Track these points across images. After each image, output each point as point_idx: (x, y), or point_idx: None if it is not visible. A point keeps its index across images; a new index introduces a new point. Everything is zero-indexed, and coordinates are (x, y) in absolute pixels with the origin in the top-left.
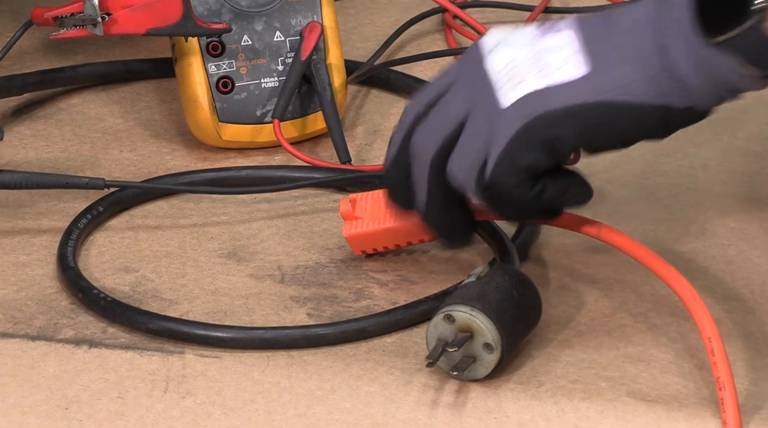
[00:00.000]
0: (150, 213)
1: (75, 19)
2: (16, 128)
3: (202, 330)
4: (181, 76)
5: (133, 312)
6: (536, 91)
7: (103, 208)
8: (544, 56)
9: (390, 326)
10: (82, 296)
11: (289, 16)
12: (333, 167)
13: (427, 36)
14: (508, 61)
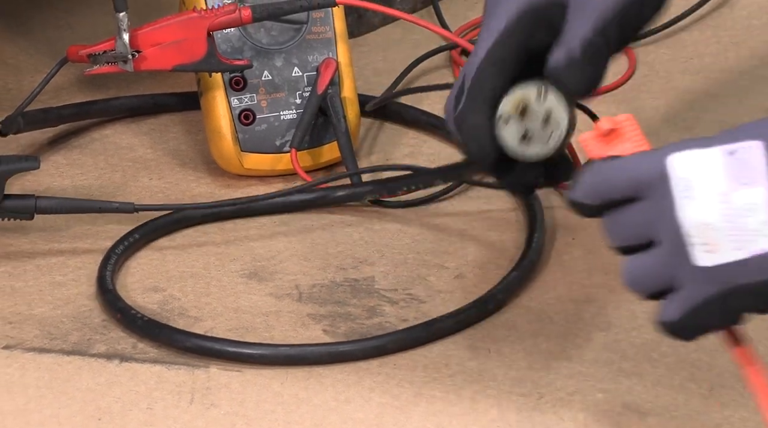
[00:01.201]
0: (176, 236)
1: (107, 56)
2: (52, 157)
3: (233, 347)
4: (206, 108)
5: (170, 331)
6: (733, 261)
7: (139, 236)
8: (738, 220)
9: (408, 343)
10: (120, 316)
11: (306, 53)
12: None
13: (435, 71)
14: (698, 223)
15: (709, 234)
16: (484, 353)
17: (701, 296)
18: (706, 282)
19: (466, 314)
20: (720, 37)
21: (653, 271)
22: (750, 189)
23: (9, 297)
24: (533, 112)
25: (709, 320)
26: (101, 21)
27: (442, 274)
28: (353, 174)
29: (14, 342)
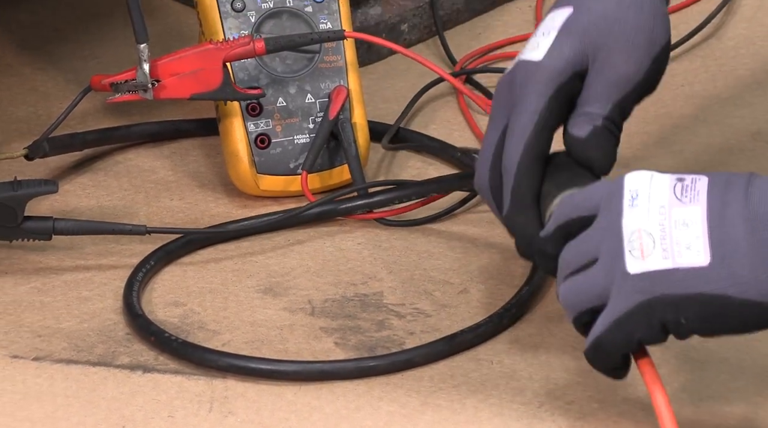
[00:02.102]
0: (195, 253)
1: (128, 85)
2: (79, 179)
3: (266, 365)
4: (223, 133)
5: (203, 351)
6: (661, 270)
7: (154, 262)
8: (672, 231)
9: (433, 356)
10: (154, 339)
11: (318, 81)
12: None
13: (441, 98)
14: (637, 228)
15: (643, 240)
16: (487, 365)
17: (626, 305)
18: (632, 290)
19: (484, 328)
20: (709, 65)
21: (590, 284)
22: (688, 207)
23: (38, 311)
24: None
25: (633, 331)
26: (124, 52)
27: (447, 290)
28: (360, 188)
29: (43, 354)
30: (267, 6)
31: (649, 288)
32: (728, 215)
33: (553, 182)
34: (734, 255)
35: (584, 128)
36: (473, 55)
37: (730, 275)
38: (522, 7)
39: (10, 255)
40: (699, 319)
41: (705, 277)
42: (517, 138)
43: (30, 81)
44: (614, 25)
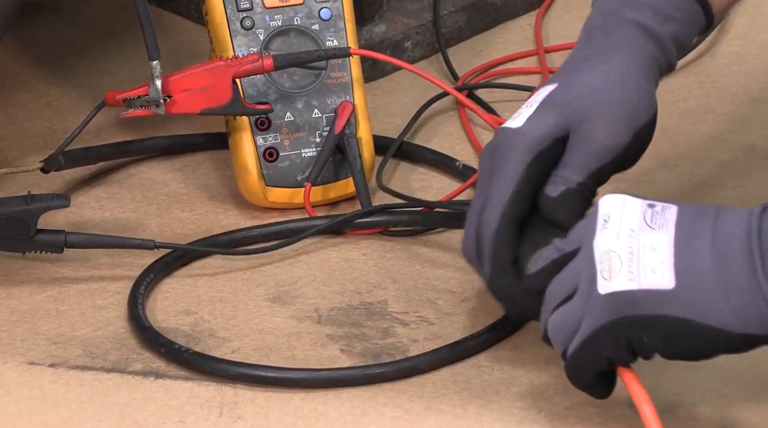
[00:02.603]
0: (206, 263)
1: (141, 101)
2: (93, 192)
3: (274, 373)
4: (233, 147)
5: (214, 361)
6: (627, 291)
7: (153, 275)
8: (639, 255)
9: (437, 363)
10: (164, 350)
11: (325, 96)
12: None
13: (443, 113)
14: (607, 250)
15: (612, 262)
16: (488, 371)
17: (594, 326)
18: (600, 311)
19: (486, 336)
20: (703, 82)
21: (571, 314)
22: (657, 232)
23: (54, 319)
24: None
25: (599, 350)
26: (137, 68)
27: (450, 298)
28: (368, 207)
29: (59, 360)
30: (275, 24)
31: (614, 309)
32: (695, 245)
33: (529, 243)
34: (698, 283)
35: (557, 189)
36: (475, 71)
37: (694, 301)
38: (522, 25)
39: (27, 265)
40: (661, 340)
41: (668, 301)
42: (494, 206)
43: (45, 96)
44: (597, 99)
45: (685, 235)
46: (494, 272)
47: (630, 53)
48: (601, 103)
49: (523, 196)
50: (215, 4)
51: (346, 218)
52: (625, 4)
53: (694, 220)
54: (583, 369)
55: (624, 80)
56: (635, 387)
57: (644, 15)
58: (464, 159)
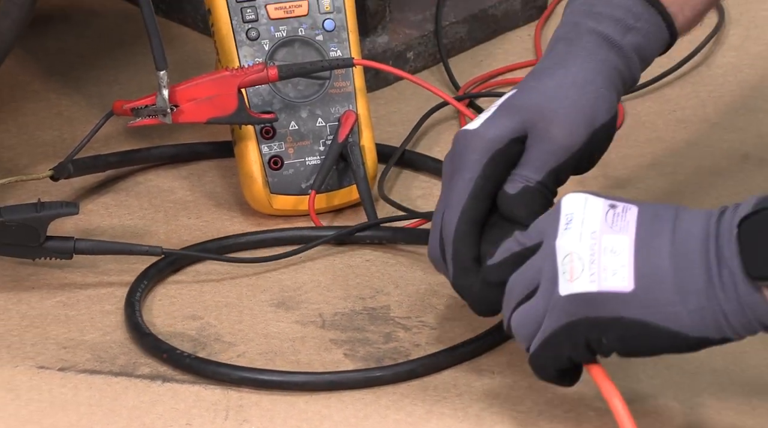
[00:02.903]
0: (213, 270)
1: (148, 110)
2: (102, 199)
3: (277, 377)
4: (239, 155)
5: (215, 365)
6: (587, 293)
7: (147, 282)
8: (600, 257)
9: (435, 367)
10: (167, 356)
11: (329, 106)
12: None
13: (444, 122)
14: (569, 253)
15: (573, 264)
16: (489, 375)
17: (553, 326)
18: (561, 311)
19: (483, 341)
20: (699, 92)
21: (534, 311)
22: (618, 235)
23: (63, 324)
24: None
25: (559, 349)
26: (145, 78)
27: (451, 303)
28: (377, 221)
29: (68, 364)
30: (280, 35)
31: (574, 311)
32: (655, 246)
33: (490, 241)
34: (657, 285)
35: (516, 186)
36: (476, 81)
37: (652, 303)
38: (522, 36)
39: (37, 271)
40: (618, 341)
41: (627, 303)
42: (453, 206)
43: (56, 106)
44: (553, 101)
45: (645, 236)
46: (456, 271)
47: (590, 60)
48: (558, 103)
49: (482, 195)
50: (221, 16)
51: (340, 233)
52: (587, 16)
53: (654, 220)
54: (545, 366)
55: (582, 84)
56: (604, 383)
57: (605, 25)
58: None
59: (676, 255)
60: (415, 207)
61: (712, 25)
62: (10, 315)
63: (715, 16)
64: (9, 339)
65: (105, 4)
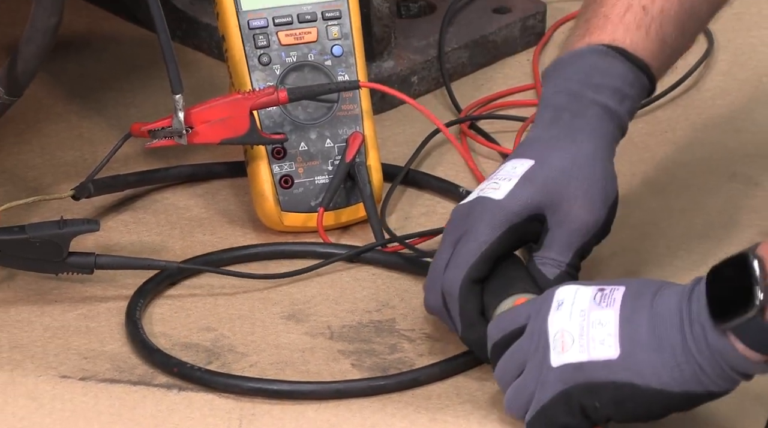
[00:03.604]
0: (226, 284)
1: (165, 132)
2: (120, 217)
3: (287, 386)
4: (251, 175)
5: (225, 377)
6: (578, 362)
7: (144, 300)
8: (589, 330)
9: (436, 376)
10: (177, 371)
11: (337, 127)
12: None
13: (447, 143)
14: (560, 329)
15: (564, 338)
16: (490, 385)
17: (549, 394)
18: (554, 381)
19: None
20: (689, 114)
21: (525, 386)
22: (605, 310)
23: (84, 335)
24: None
25: (554, 418)
26: (161, 101)
27: None
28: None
29: (89, 374)
30: (291, 60)
31: (568, 378)
32: (635, 319)
33: (491, 293)
34: (638, 348)
35: (552, 272)
36: (477, 103)
37: (635, 366)
38: (521, 61)
39: (59, 285)
40: (612, 403)
41: (615, 368)
42: (458, 266)
43: (77, 128)
44: (572, 180)
45: (629, 310)
46: (464, 327)
47: (596, 136)
48: (576, 184)
49: (489, 260)
50: (235, 42)
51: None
52: (587, 87)
53: (638, 296)
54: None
55: (593, 159)
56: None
57: (606, 96)
58: (467, 185)
59: (655, 322)
60: (418, 224)
61: (702, 51)
62: (34, 327)
63: (704, 42)
64: (33, 350)
65: (123, 30)
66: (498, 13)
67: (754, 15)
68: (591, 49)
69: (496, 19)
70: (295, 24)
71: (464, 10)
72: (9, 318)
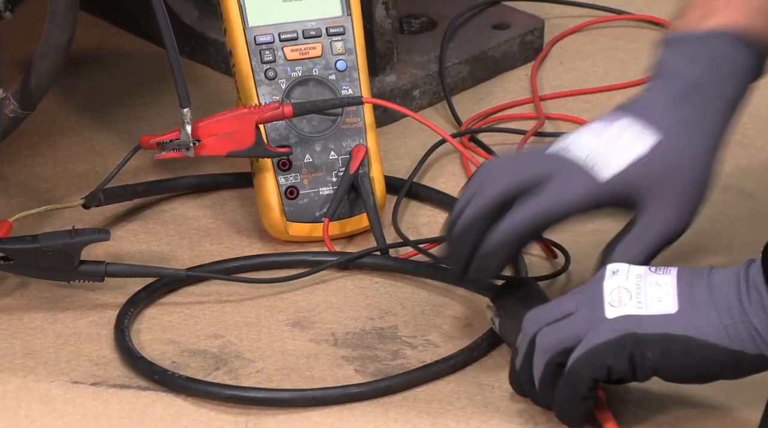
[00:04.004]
0: (233, 292)
1: (173, 145)
2: (130, 226)
3: (290, 394)
4: (257, 186)
5: (232, 389)
6: (635, 315)
7: (133, 309)
8: (646, 289)
9: (433, 376)
10: (158, 378)
11: (341, 140)
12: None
13: (448, 155)
14: (617, 286)
15: (621, 294)
16: (489, 389)
17: (602, 338)
18: (608, 329)
19: (465, 355)
20: None
21: (569, 327)
22: (661, 275)
23: (95, 342)
24: None
25: (602, 359)
26: (170, 115)
27: (454, 323)
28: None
29: (100, 379)
30: (296, 75)
31: (622, 327)
32: (694, 283)
33: (514, 318)
34: (697, 307)
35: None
36: (477, 117)
37: (692, 321)
38: (519, 76)
39: (72, 293)
40: (662, 356)
41: (671, 322)
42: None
43: (89, 141)
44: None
45: (686, 277)
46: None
47: (718, 132)
48: (688, 182)
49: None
50: (242, 57)
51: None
52: (717, 75)
53: (693, 270)
54: (582, 375)
55: (706, 162)
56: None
57: (731, 88)
58: None
59: (712, 287)
60: (420, 234)
61: None
62: (47, 334)
63: None
64: (45, 356)
65: (134, 46)
66: (497, 29)
67: None
68: (716, 34)
69: (495, 35)
70: (300, 39)
71: (465, 26)
72: (23, 325)
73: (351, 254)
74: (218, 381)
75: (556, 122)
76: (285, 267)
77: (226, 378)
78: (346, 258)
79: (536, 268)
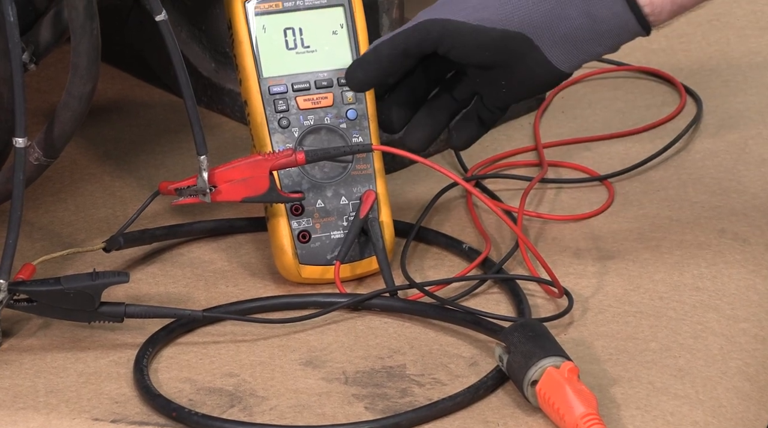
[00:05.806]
0: (248, 332)
1: (190, 190)
2: (149, 269)
3: None
4: (271, 230)
5: (247, 426)
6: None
7: (152, 348)
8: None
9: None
10: (175, 415)
11: (351, 186)
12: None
13: (454, 201)
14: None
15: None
16: (494, 426)
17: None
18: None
19: (470, 394)
20: (680, 174)
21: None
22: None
23: (115, 381)
24: None
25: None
26: (188, 162)
27: (460, 362)
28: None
29: (119, 417)
30: (308, 123)
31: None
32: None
33: (522, 356)
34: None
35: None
36: (482, 163)
37: (474, 13)
38: (523, 124)
39: (92, 334)
40: (443, 34)
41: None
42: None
43: (110, 187)
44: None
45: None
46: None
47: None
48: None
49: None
50: (256, 107)
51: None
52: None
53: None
54: (381, 53)
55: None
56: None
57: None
58: (470, 241)
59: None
60: (427, 276)
61: (691, 115)
62: (69, 373)
63: (694, 107)
64: (67, 395)
65: (153, 96)
66: None
67: (740, 82)
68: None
69: None
70: (312, 89)
71: None
72: (45, 364)
73: (361, 295)
74: (233, 418)
75: (558, 169)
76: (297, 308)
77: (241, 416)
78: (356, 299)
79: (540, 310)
